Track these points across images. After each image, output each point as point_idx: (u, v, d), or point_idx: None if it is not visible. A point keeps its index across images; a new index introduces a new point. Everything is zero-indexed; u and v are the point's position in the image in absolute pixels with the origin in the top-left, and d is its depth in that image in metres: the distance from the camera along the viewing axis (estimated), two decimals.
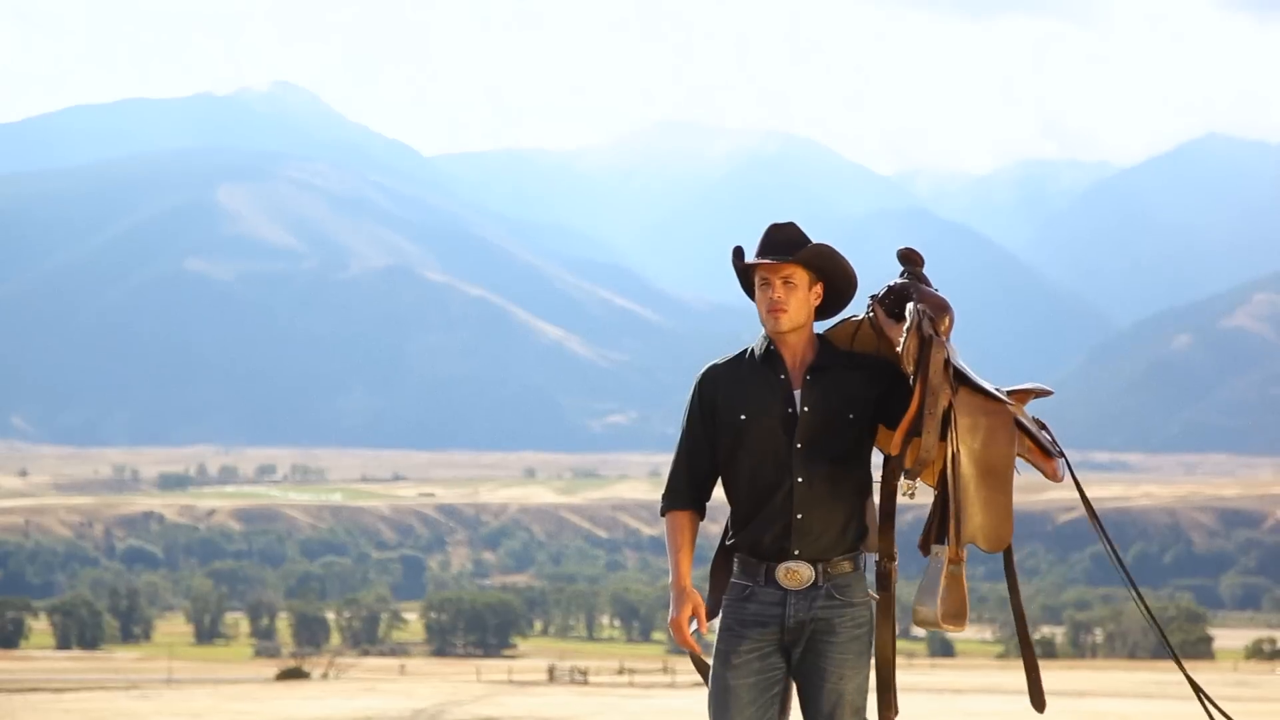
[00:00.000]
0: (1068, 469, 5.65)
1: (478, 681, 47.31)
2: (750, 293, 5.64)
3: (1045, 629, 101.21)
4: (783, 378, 5.57)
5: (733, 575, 5.63)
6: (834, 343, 5.68)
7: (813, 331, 5.64)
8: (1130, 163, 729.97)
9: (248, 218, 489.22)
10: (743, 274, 5.64)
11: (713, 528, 5.53)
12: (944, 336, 5.42)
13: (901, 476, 5.47)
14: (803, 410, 5.52)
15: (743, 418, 5.55)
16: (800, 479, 5.50)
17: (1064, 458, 5.64)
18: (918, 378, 5.36)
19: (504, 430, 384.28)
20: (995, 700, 30.09)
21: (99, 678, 54.48)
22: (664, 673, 59.75)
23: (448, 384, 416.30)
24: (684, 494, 5.64)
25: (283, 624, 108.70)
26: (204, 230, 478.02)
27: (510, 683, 47.99)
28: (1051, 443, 5.62)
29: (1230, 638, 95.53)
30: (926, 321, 5.39)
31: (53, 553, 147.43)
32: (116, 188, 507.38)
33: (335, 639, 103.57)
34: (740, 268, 5.61)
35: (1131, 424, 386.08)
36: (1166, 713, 25.96)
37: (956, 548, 5.43)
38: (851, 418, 5.53)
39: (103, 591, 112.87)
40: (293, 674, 53.73)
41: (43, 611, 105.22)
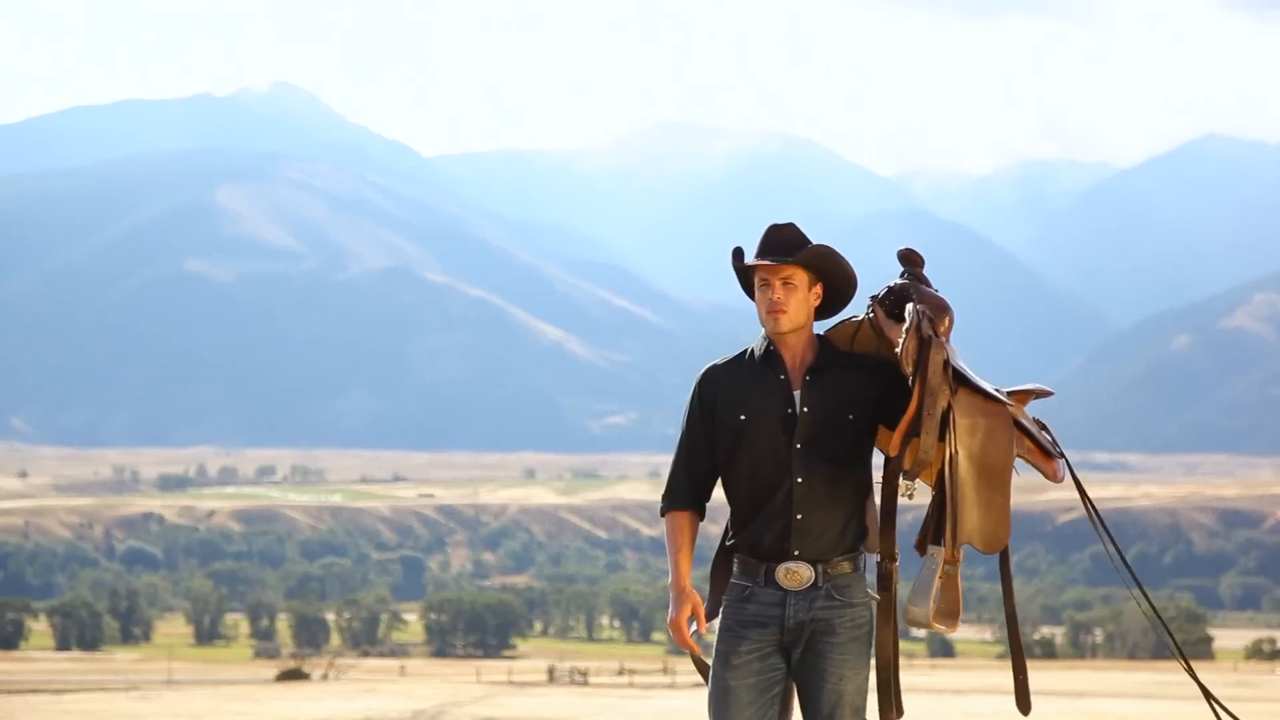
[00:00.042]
0: (1068, 470, 5.65)
1: (478, 682, 47.35)
2: (750, 293, 5.64)
3: (1045, 629, 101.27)
4: (782, 378, 5.57)
5: (732, 576, 5.63)
6: (834, 343, 5.68)
7: (812, 332, 5.65)
8: (1130, 163, 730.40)
9: (248, 218, 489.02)
10: (742, 275, 5.64)
11: (713, 528, 5.54)
12: (943, 337, 5.42)
13: (900, 477, 5.47)
14: (802, 411, 5.52)
15: (742, 418, 5.55)
16: (800, 479, 5.50)
17: (1064, 458, 5.63)
18: (917, 378, 5.36)
19: (504, 431, 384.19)
20: (995, 700, 30.08)
21: (99, 679, 54.50)
22: (664, 673, 59.81)
23: (447, 385, 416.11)
24: (684, 494, 5.64)
25: (283, 625, 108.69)
26: (204, 231, 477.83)
27: (510, 683, 48.03)
28: (1052, 443, 5.62)
29: (1230, 638, 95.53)
30: (926, 322, 5.39)
31: (52, 554, 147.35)
32: (116, 188, 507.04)
33: (335, 640, 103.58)
34: (740, 268, 5.62)
35: (1131, 424, 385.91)
36: (1166, 713, 25.97)
37: (953, 548, 5.43)
38: (851, 418, 5.54)
39: (102, 593, 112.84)
40: (293, 675, 53.78)
41: (43, 613, 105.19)
